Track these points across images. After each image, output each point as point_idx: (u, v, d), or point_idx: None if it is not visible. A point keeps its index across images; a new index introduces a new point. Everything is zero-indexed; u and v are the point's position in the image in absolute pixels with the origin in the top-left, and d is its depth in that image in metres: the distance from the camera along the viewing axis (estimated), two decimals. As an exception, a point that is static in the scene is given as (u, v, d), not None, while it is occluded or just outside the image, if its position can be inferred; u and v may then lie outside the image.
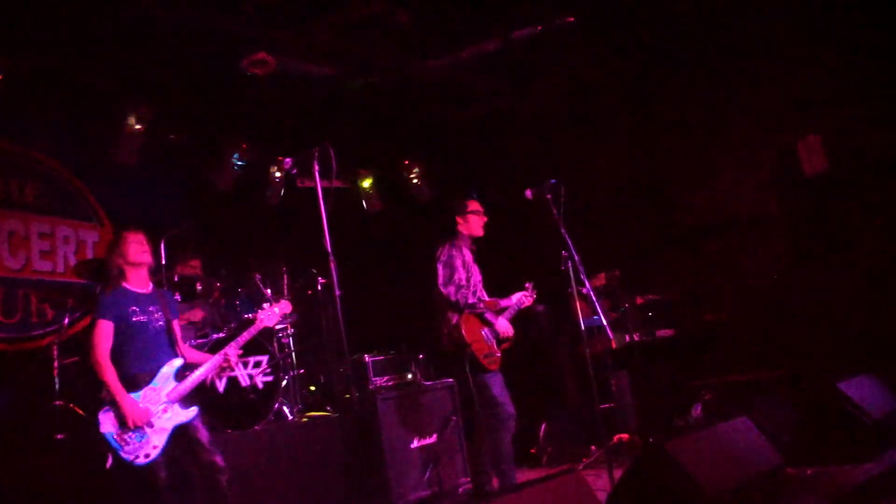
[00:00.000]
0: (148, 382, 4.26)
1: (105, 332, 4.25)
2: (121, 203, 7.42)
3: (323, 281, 6.37)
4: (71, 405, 5.51)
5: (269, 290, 6.45)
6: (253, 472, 4.98)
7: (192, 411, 4.31)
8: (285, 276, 6.75)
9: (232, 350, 4.51)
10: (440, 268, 5.14)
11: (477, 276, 5.30)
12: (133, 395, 4.17)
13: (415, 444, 5.59)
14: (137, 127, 6.98)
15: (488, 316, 5.11)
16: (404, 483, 5.42)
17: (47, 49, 6.05)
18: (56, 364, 5.62)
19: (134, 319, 4.33)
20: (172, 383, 4.31)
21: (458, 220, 5.34)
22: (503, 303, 5.37)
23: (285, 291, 6.70)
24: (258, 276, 6.43)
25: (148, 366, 4.30)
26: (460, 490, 5.70)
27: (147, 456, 4.07)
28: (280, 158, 8.07)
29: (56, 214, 7.03)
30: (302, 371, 6.41)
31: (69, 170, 7.19)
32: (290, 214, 8.26)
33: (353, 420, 5.45)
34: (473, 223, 5.32)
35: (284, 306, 4.82)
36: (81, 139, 7.15)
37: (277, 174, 8.26)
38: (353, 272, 5.98)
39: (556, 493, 3.11)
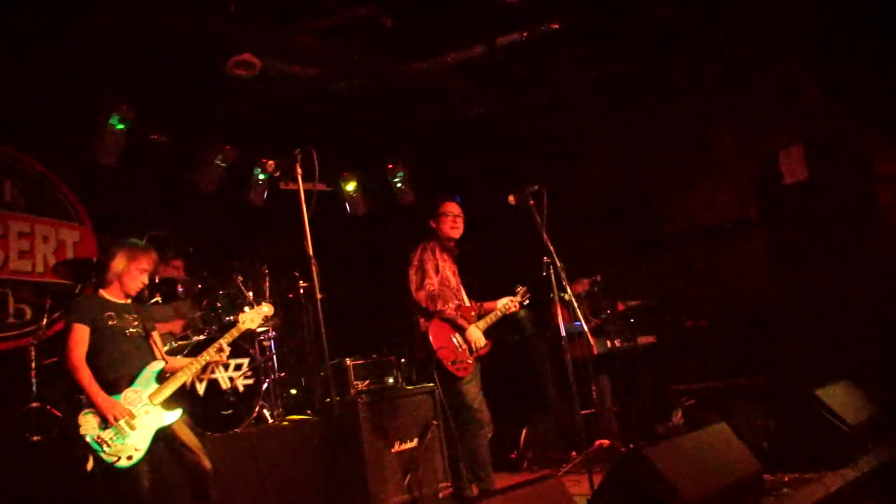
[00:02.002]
0: (128, 385, 4.21)
1: (80, 336, 4.20)
2: (102, 203, 7.36)
3: (305, 284, 6.35)
4: (48, 407, 5.46)
5: (250, 293, 6.42)
6: (232, 475, 4.94)
7: (175, 413, 4.26)
8: (267, 279, 6.73)
9: (214, 352, 4.49)
10: (411, 273, 5.16)
11: (453, 279, 5.27)
12: (114, 397, 4.11)
13: (395, 448, 5.57)
14: (119, 127, 6.93)
15: (459, 322, 5.08)
16: (384, 487, 5.40)
17: (27, 47, 5.99)
18: (33, 365, 5.57)
19: (110, 324, 4.29)
20: (154, 385, 4.27)
21: (432, 223, 5.35)
22: (487, 306, 5.35)
23: (267, 294, 6.67)
24: (240, 279, 6.39)
25: (127, 369, 4.25)
26: (440, 495, 5.69)
27: (129, 458, 4.02)
28: (263, 160, 8.04)
29: (36, 213, 6.95)
30: (283, 374, 6.37)
31: (49, 169, 7.13)
32: (272, 217, 8.23)
33: (334, 424, 5.43)
34: (445, 225, 5.30)
35: (266, 309, 4.80)
36: (62, 138, 7.08)
37: (261, 176, 8.24)
38: (335, 276, 5.96)
39: (536, 498, 3.11)
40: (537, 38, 6.72)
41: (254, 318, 4.72)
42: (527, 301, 5.42)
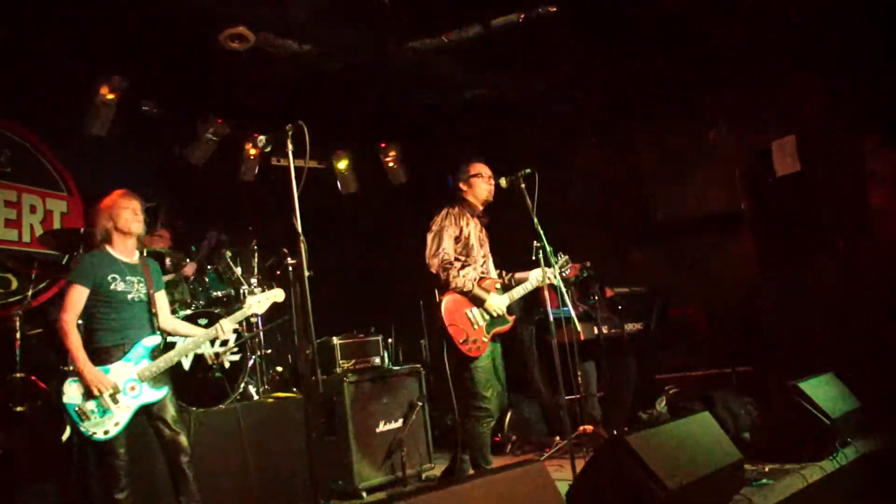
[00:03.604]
0: (120, 357, 4.15)
1: (77, 298, 4.10)
2: (90, 174, 7.32)
3: (293, 261, 6.32)
4: (32, 377, 5.44)
5: (238, 268, 6.40)
6: (216, 450, 4.95)
7: (162, 392, 4.21)
8: (256, 255, 6.71)
9: (227, 326, 4.46)
10: (429, 238, 4.81)
11: (479, 248, 4.92)
12: (102, 368, 4.06)
13: (379, 428, 5.59)
14: (110, 97, 6.87)
15: (476, 293, 4.70)
16: (368, 466, 5.43)
17: (18, 16, 5.90)
18: (18, 335, 5.54)
19: (112, 287, 4.18)
20: (145, 361, 4.20)
21: (462, 186, 5.03)
22: (519, 276, 5.04)
23: (255, 270, 6.64)
24: (228, 254, 6.37)
25: (122, 339, 4.18)
26: (423, 475, 5.72)
27: (106, 432, 3.99)
28: (255, 135, 7.99)
29: (23, 182, 6.91)
30: (269, 351, 6.37)
31: (38, 138, 7.07)
32: (263, 192, 8.20)
33: (319, 402, 5.43)
34: (478, 187, 4.99)
35: (276, 294, 4.65)
36: (52, 108, 7.02)
37: (252, 151, 8.20)
38: (324, 253, 5.94)
39: (517, 481, 3.12)
40: (534, 22, 6.67)
41: (262, 301, 4.59)
42: (567, 271, 5.11)
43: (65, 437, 4.08)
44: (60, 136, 7.15)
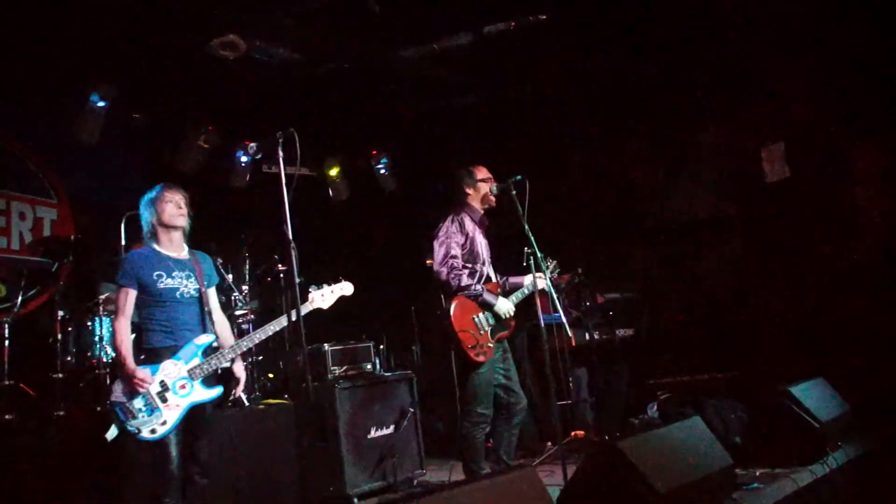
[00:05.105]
0: (170, 357, 3.99)
1: (125, 300, 4.00)
2: (81, 181, 7.30)
3: (283, 268, 6.32)
4: (21, 385, 5.42)
5: (230, 275, 6.39)
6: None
7: (215, 391, 4.08)
8: (247, 261, 6.70)
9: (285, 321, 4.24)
10: (436, 246, 4.79)
11: (484, 253, 4.93)
12: (151, 367, 3.92)
13: (371, 434, 5.58)
14: (100, 104, 6.85)
15: (485, 297, 4.71)
16: (359, 473, 5.42)
17: (5, 23, 5.89)
18: (6, 343, 5.51)
19: (160, 286, 4.04)
20: (197, 360, 4.04)
21: (468, 190, 5.02)
22: (514, 281, 5.05)
23: (246, 277, 6.64)
24: (219, 261, 6.36)
25: (173, 341, 4.04)
26: (415, 481, 5.72)
27: (153, 431, 3.84)
28: (246, 143, 7.99)
29: (12, 190, 6.89)
30: (260, 358, 6.36)
31: (27, 145, 7.05)
32: (254, 199, 8.19)
33: (310, 409, 5.41)
34: (484, 191, 5.00)
35: (345, 287, 4.48)
36: (42, 115, 7.01)
37: (243, 158, 8.19)
38: (316, 260, 5.94)
39: (509, 487, 3.13)
40: (525, 29, 6.69)
41: (326, 296, 4.42)
42: (556, 274, 5.16)
43: (109, 435, 3.93)
44: (50, 143, 7.13)
